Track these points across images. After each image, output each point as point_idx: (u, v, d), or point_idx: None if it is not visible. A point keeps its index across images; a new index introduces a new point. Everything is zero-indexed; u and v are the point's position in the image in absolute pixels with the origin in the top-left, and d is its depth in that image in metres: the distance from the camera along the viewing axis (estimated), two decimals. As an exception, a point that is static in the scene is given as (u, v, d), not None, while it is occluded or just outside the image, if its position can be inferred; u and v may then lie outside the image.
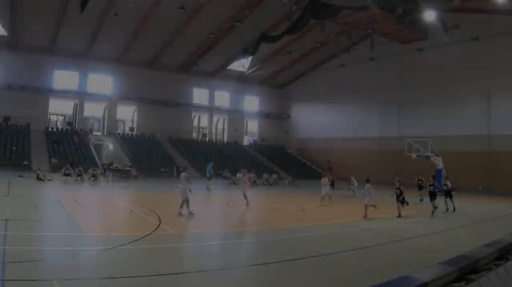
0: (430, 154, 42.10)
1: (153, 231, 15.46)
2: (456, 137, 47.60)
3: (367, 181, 23.32)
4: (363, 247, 14.79)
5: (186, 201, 19.71)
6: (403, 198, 21.69)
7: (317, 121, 68.21)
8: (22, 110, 53.41)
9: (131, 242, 13.46)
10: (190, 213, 19.50)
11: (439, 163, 41.31)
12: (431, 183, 24.28)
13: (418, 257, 13.74)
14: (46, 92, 56.51)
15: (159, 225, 16.83)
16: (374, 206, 21.58)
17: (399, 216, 21.96)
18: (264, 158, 64.70)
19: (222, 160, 56.51)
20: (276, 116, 75.11)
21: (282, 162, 64.15)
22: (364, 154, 59.07)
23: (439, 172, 40.76)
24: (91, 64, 58.17)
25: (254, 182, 43.92)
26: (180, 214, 19.48)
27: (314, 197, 30.86)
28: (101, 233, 15.21)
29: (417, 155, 42.92)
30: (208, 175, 36.53)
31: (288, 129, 74.78)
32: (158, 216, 18.27)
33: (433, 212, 23.44)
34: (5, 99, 53.18)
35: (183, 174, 21.27)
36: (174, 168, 37.93)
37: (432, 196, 24.12)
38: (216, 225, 19.54)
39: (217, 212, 22.32)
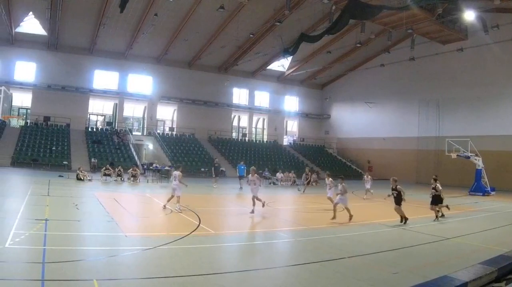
0: (470, 154, 41.64)
1: (192, 231, 15.53)
2: (496, 137, 47.77)
3: (341, 179, 23.40)
4: (403, 247, 14.85)
5: (178, 198, 20.44)
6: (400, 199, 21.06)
7: (357, 121, 68.86)
8: (62, 110, 54.47)
9: (171, 242, 13.53)
10: (180, 209, 20.02)
11: (479, 163, 40.92)
12: (433, 186, 21.60)
13: (458, 257, 13.72)
14: (86, 92, 57.64)
15: (198, 225, 16.90)
16: (347, 209, 20.08)
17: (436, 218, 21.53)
18: (303, 157, 64.89)
19: (262, 160, 57.09)
20: (316, 116, 75.55)
21: (322, 162, 64.44)
22: (403, 154, 59.65)
23: (479, 172, 40.65)
24: (131, 64, 59.18)
25: (294, 182, 44.75)
26: (164, 207, 20.24)
27: (354, 197, 31.68)
28: (141, 233, 15.31)
29: (457, 155, 42.47)
30: (240, 174, 36.45)
31: (328, 129, 75.09)
32: (198, 216, 18.30)
33: (436, 217, 21.24)
34: (45, 99, 54.38)
35: (175, 173, 21.69)
36: (213, 168, 37.94)
37: (435, 200, 21.39)
38: (256, 225, 19.51)
39: (256, 212, 22.18)
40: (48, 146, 48.15)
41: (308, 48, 56.39)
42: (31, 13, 49.93)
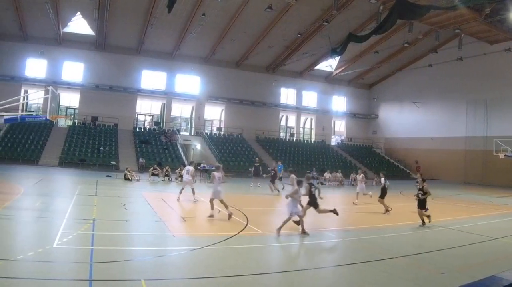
0: (518, 154, 41.21)
1: (240, 231, 15.55)
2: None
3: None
4: (450, 247, 14.79)
5: (192, 190, 22.11)
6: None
7: (404, 121, 68.91)
8: (110, 110, 55.36)
9: (218, 242, 13.54)
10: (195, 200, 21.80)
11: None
12: (420, 187, 19.36)
13: (506, 257, 13.77)
14: (134, 92, 58.62)
15: (246, 224, 16.94)
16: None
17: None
18: (351, 157, 64.89)
19: (309, 160, 57.42)
20: (364, 116, 75.51)
21: (370, 162, 64.41)
22: (451, 154, 59.53)
23: None
24: (179, 64, 59.94)
25: (341, 182, 44.95)
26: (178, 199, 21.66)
27: (402, 197, 32.52)
28: (188, 233, 15.35)
29: (505, 155, 41.96)
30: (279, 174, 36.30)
31: (375, 129, 75.11)
32: (246, 216, 18.29)
33: (423, 221, 18.96)
34: (93, 99, 55.36)
35: (188, 167, 22.29)
36: (253, 167, 37.91)
37: (421, 204, 18.89)
38: (304, 225, 19.19)
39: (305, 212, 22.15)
40: (96, 146, 48.95)
41: (356, 48, 56.50)
42: (78, 13, 50.79)
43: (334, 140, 74.00)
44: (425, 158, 63.58)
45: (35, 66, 55.21)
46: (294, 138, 69.27)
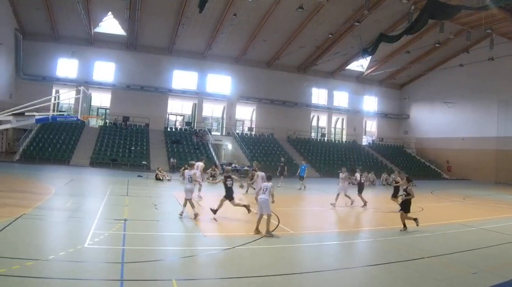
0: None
1: (272, 231, 15.48)
2: None
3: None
4: (482, 247, 14.90)
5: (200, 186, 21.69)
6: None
7: (436, 121, 68.61)
8: (141, 110, 55.80)
9: (249, 242, 13.65)
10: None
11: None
12: (405, 188, 18.52)
13: None
14: (165, 92, 58.99)
15: (277, 225, 16.94)
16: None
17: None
18: (382, 157, 64.80)
19: (340, 160, 57.31)
20: (395, 116, 75.25)
21: (401, 162, 64.33)
22: (482, 154, 59.36)
23: None
24: (210, 64, 60.23)
25: (372, 181, 45.02)
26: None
27: (433, 197, 32.77)
28: (219, 233, 15.40)
29: None
30: (301, 175, 35.99)
31: (407, 129, 74.86)
32: (277, 216, 18.25)
33: (404, 225, 17.44)
34: (124, 99, 55.82)
35: (199, 163, 22.30)
36: (279, 167, 37.84)
37: (405, 206, 17.65)
38: (335, 225, 19.51)
39: (336, 212, 22.21)
40: (127, 146, 49.37)
41: (387, 48, 56.13)
42: (110, 13, 51.29)
43: (365, 141, 73.98)
44: (456, 158, 63.77)
45: (66, 66, 55.81)
46: (325, 139, 69.32)
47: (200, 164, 25.48)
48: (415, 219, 17.58)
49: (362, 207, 23.94)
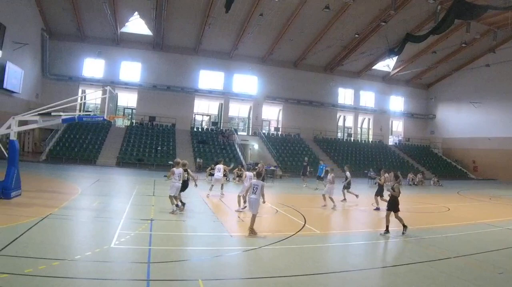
0: None
1: (298, 231, 15.63)
2: None
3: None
4: (508, 247, 14.94)
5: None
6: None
7: (462, 121, 68.57)
8: (167, 110, 56.23)
9: (276, 242, 13.65)
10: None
11: None
12: (392, 186, 17.05)
13: None
14: (192, 92, 59.37)
15: (304, 225, 16.97)
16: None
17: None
18: (409, 157, 64.71)
19: (367, 160, 57.80)
20: (421, 116, 75.11)
21: (427, 162, 64.27)
22: (509, 154, 59.36)
23: None
24: (237, 64, 60.50)
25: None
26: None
27: (460, 197, 32.96)
28: (246, 233, 15.21)
29: None
30: (319, 175, 35.73)
31: (433, 129, 74.73)
32: (303, 216, 18.18)
33: (386, 229, 16.31)
34: (150, 99, 56.24)
35: (219, 166, 22.82)
36: (303, 167, 37.81)
37: (392, 205, 16.35)
38: (361, 225, 19.45)
39: (363, 212, 22.43)
40: (153, 146, 49.56)
41: (414, 48, 56.26)
42: (136, 13, 51.62)
43: (391, 141, 73.97)
44: (483, 158, 63.72)
45: (92, 66, 56.47)
46: (352, 139, 69.24)
47: (220, 166, 25.70)
48: (405, 226, 16.20)
49: (342, 201, 24.29)
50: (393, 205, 16.18)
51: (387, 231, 16.02)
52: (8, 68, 41.77)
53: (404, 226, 16.19)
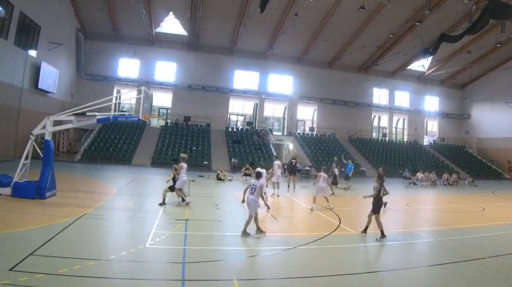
0: None
1: (333, 231, 15.71)
2: None
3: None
4: None
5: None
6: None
7: (497, 121, 67.97)
8: (202, 110, 56.58)
9: (311, 242, 13.72)
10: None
11: None
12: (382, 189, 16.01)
13: None
14: (227, 92, 59.65)
15: (339, 225, 17.04)
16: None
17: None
18: (443, 157, 64.30)
19: (402, 160, 57.72)
20: (456, 116, 74.63)
21: (462, 162, 63.80)
22: None
23: None
24: (271, 64, 60.70)
25: (434, 181, 45.00)
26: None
27: (495, 197, 33.03)
28: (281, 233, 15.37)
29: None
30: (347, 173, 35.39)
31: (468, 129, 74.23)
32: (338, 216, 18.13)
33: (366, 228, 15.72)
34: (185, 99, 56.63)
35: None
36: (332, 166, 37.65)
37: (376, 206, 15.53)
38: (396, 225, 19.30)
39: (398, 212, 22.31)
40: (188, 146, 49.70)
41: (448, 48, 56.09)
42: (171, 13, 51.97)
43: (426, 141, 73.65)
44: (518, 158, 63.52)
45: (127, 66, 57.13)
46: (387, 139, 69.05)
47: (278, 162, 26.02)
48: (382, 232, 14.93)
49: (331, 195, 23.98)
50: (374, 206, 15.48)
51: (365, 231, 15.51)
52: (43, 68, 42.36)
53: (367, 227, 15.50)
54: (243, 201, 15.26)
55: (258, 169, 17.09)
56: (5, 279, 8.47)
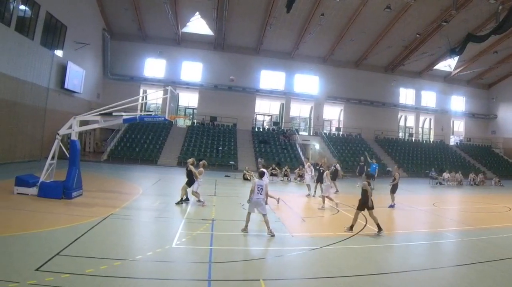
0: None
1: (359, 231, 15.66)
2: None
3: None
4: None
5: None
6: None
7: None
8: (229, 110, 56.69)
9: (337, 242, 13.75)
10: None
11: None
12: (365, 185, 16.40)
13: None
14: (253, 92, 59.71)
15: (365, 225, 16.92)
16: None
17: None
18: (470, 157, 63.89)
19: (428, 160, 57.47)
20: (483, 116, 74.14)
21: (489, 162, 63.28)
22: None
23: None
24: (298, 64, 60.74)
25: (460, 181, 44.90)
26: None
27: None
28: (307, 233, 15.37)
29: None
30: (371, 173, 35.08)
31: (494, 129, 73.63)
32: (364, 216, 18.07)
33: (352, 226, 15.80)
34: (212, 99, 56.83)
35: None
36: (358, 167, 37.43)
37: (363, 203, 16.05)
38: (422, 225, 19.35)
39: (424, 212, 22.35)
40: (215, 146, 49.88)
41: (475, 48, 55.91)
42: (197, 13, 52.14)
43: (452, 140, 73.37)
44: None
45: (154, 66, 57.50)
46: (413, 139, 68.85)
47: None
48: (352, 227, 15.55)
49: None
50: (360, 202, 15.97)
51: (350, 228, 15.59)
52: (69, 68, 42.78)
53: (352, 226, 15.61)
54: (265, 202, 14.92)
55: (262, 169, 17.34)
56: (32, 279, 8.53)
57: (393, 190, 23.60)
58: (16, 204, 16.50)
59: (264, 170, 17.42)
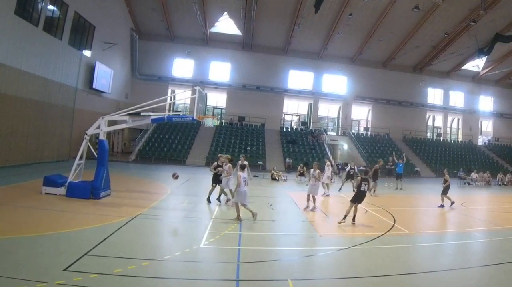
0: None
1: (387, 231, 15.67)
2: None
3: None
4: None
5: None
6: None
7: None
8: (257, 110, 56.69)
9: (365, 242, 13.75)
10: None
11: None
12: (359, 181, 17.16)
13: None
14: (281, 92, 59.78)
15: (393, 224, 16.97)
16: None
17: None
18: (498, 157, 63.27)
19: (456, 160, 57.13)
20: (511, 116, 72.81)
21: None
22: None
23: None
24: (326, 64, 60.55)
25: (488, 181, 44.86)
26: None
27: None
28: (336, 233, 15.35)
29: None
30: (398, 172, 34.80)
31: None
32: (393, 216, 17.96)
33: (344, 217, 16.59)
34: (240, 99, 56.86)
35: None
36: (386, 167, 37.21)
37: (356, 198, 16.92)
38: (450, 225, 19.38)
39: (452, 212, 22.23)
40: (243, 146, 49.90)
41: (503, 48, 55.55)
42: (225, 13, 52.27)
43: (481, 141, 72.74)
44: None
45: (182, 66, 57.78)
46: (441, 139, 68.61)
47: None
48: (345, 217, 16.42)
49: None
50: (353, 196, 16.92)
51: (343, 218, 16.42)
52: (98, 68, 43.19)
53: (345, 217, 16.42)
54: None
55: (245, 161, 19.84)
56: (60, 279, 8.60)
57: (445, 191, 23.81)
58: (44, 204, 16.69)
59: (246, 163, 19.34)
